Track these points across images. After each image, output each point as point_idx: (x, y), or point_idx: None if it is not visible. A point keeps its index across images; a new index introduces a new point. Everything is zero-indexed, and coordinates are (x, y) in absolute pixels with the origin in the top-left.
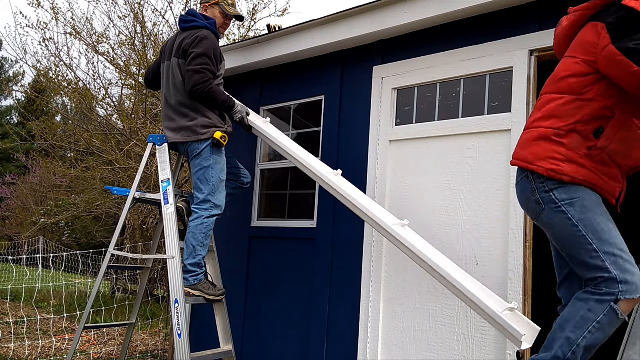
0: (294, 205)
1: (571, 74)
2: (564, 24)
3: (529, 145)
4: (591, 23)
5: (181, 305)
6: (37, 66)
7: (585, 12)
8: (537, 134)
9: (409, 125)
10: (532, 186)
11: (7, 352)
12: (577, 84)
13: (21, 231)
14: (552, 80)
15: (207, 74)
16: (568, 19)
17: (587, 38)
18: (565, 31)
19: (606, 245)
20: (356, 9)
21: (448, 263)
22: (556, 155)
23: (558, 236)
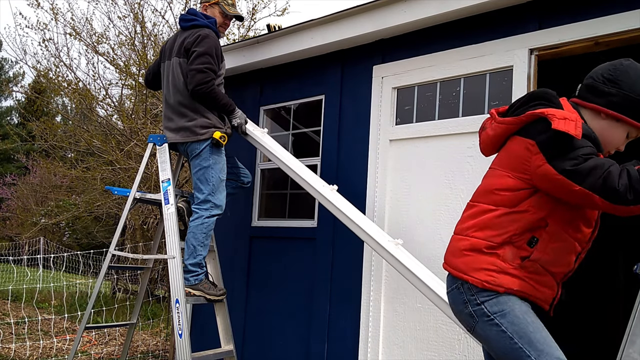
0: (295, 204)
1: (504, 188)
2: (489, 132)
3: (462, 254)
4: (519, 138)
5: (182, 305)
6: (37, 67)
7: (510, 126)
8: (470, 244)
9: (409, 124)
10: (464, 298)
11: (8, 353)
12: (511, 197)
13: (22, 232)
14: (484, 191)
15: (209, 74)
16: (493, 128)
17: (517, 154)
18: (491, 140)
19: (543, 355)
20: (356, 9)
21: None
22: (491, 267)
23: (495, 349)
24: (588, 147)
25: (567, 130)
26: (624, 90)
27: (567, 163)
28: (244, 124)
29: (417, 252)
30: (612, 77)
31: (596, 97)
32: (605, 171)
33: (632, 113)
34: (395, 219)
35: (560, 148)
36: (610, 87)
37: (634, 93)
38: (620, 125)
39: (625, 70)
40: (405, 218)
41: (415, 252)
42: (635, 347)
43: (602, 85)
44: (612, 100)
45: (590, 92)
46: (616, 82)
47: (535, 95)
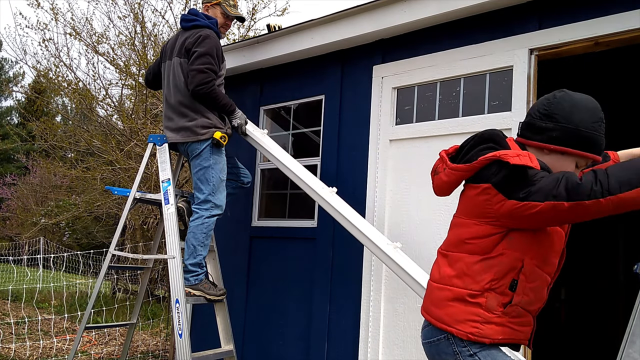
0: (295, 204)
1: (475, 236)
2: (443, 178)
3: (445, 305)
4: (475, 185)
5: (182, 305)
6: (37, 67)
7: (464, 173)
8: (452, 294)
9: (409, 124)
10: (454, 349)
11: (8, 353)
12: (484, 244)
13: (22, 232)
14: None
15: (210, 74)
16: (447, 174)
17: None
18: (446, 185)
19: None
20: (356, 8)
21: None
22: (475, 318)
23: None
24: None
25: (525, 163)
26: (560, 123)
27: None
28: (244, 125)
29: (416, 252)
30: (547, 112)
31: (536, 134)
32: (563, 177)
33: (574, 143)
34: (395, 219)
35: (517, 181)
36: (547, 122)
37: (571, 124)
38: (567, 157)
39: (559, 102)
40: (405, 218)
41: (415, 253)
42: (636, 347)
43: (539, 121)
44: (551, 135)
45: (530, 130)
46: (552, 116)
47: (484, 137)
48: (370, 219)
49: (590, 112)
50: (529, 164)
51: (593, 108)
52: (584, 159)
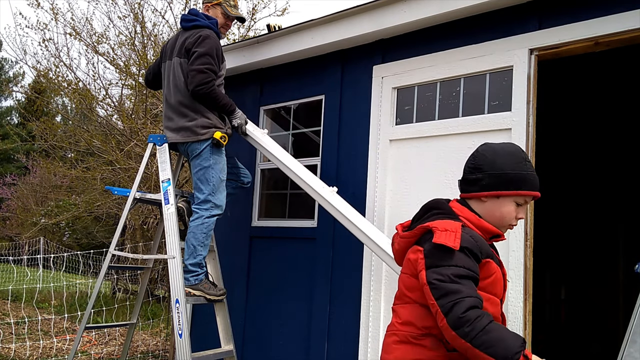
0: (295, 204)
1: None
2: (396, 247)
3: (393, 349)
4: (414, 247)
5: (182, 305)
6: (37, 67)
7: (410, 239)
8: (398, 337)
9: (409, 124)
10: None
11: (8, 353)
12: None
13: (22, 232)
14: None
15: (210, 75)
16: (398, 242)
17: (412, 258)
18: (398, 253)
19: None
20: (356, 8)
21: None
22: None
23: None
24: (461, 268)
25: (445, 242)
26: (487, 171)
27: (435, 276)
28: (244, 125)
29: None
30: (474, 165)
31: (471, 186)
32: (460, 299)
33: (504, 186)
34: (395, 219)
35: (437, 259)
36: (476, 174)
37: (496, 169)
38: (503, 200)
39: (482, 154)
40: (406, 218)
41: None
42: (636, 347)
43: (470, 175)
44: (482, 183)
45: (465, 184)
46: (478, 167)
47: (429, 206)
48: (370, 218)
49: (511, 155)
50: (450, 243)
51: (514, 151)
52: (521, 197)
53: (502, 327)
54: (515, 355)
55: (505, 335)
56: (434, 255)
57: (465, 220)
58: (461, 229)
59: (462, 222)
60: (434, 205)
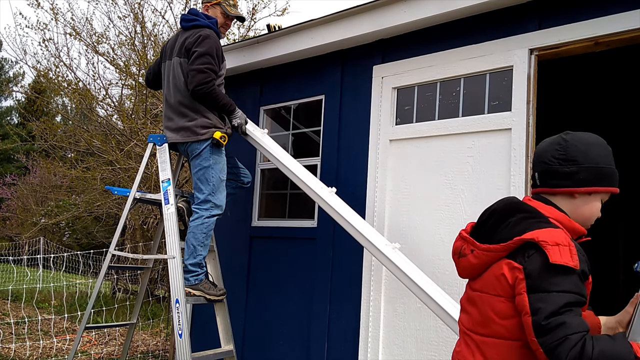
0: (295, 205)
1: (504, 315)
2: (471, 261)
3: None
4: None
5: (182, 305)
6: (37, 67)
7: (498, 254)
8: None
9: (409, 124)
10: None
11: (8, 353)
12: (513, 325)
13: (22, 232)
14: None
15: (210, 74)
16: (477, 256)
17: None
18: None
19: None
20: (356, 8)
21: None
22: None
23: None
24: (573, 295)
25: (565, 262)
26: (583, 164)
27: (544, 309)
28: (244, 124)
29: (416, 252)
30: (566, 156)
31: (562, 180)
32: (564, 337)
33: (598, 181)
34: (395, 219)
35: (548, 282)
36: (570, 166)
37: (592, 162)
38: (593, 197)
39: (573, 144)
40: (405, 218)
41: (415, 253)
42: None
43: (560, 167)
44: (578, 177)
45: (553, 177)
46: (572, 159)
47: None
48: (370, 219)
49: (603, 147)
50: (570, 263)
51: (603, 143)
52: (608, 194)
53: (605, 345)
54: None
55: (613, 352)
56: (544, 276)
57: (557, 223)
58: (572, 241)
59: (560, 228)
60: (515, 207)
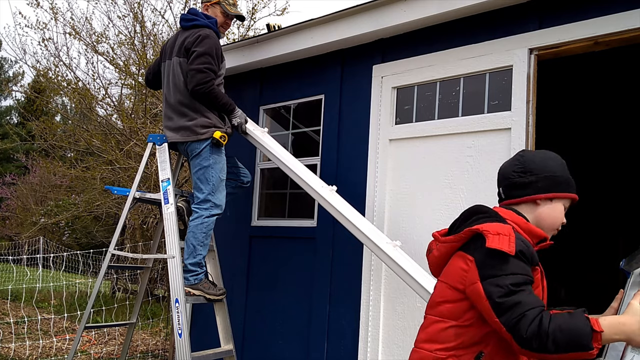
0: (294, 204)
1: (445, 300)
2: (434, 253)
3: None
4: (460, 253)
5: (182, 305)
6: (36, 66)
7: (453, 244)
8: (420, 357)
9: (409, 124)
10: None
11: (7, 352)
12: (453, 309)
13: (21, 231)
14: (432, 303)
15: (209, 74)
16: (438, 249)
17: (458, 266)
18: (437, 260)
19: None
20: (356, 8)
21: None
22: None
23: None
24: (519, 275)
25: (501, 247)
26: (540, 173)
27: (495, 291)
28: (244, 124)
29: (416, 251)
30: (524, 169)
31: (523, 189)
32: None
33: (558, 187)
34: (395, 219)
35: (492, 267)
36: (529, 177)
37: (549, 172)
38: (555, 203)
39: (530, 159)
40: (405, 218)
41: (415, 252)
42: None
43: (520, 179)
44: (537, 185)
45: (515, 189)
46: (530, 171)
47: (472, 211)
48: (370, 218)
49: (557, 159)
50: (505, 248)
51: (557, 156)
52: (569, 200)
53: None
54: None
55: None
56: (488, 263)
57: (513, 224)
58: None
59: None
60: (477, 210)
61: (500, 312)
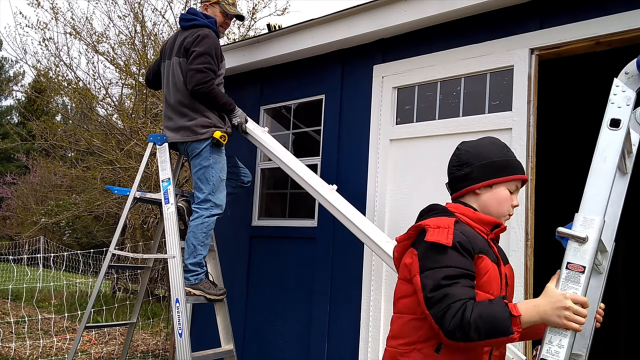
0: (295, 204)
1: (402, 295)
2: (395, 254)
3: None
4: (410, 249)
5: (182, 305)
6: (37, 66)
7: (405, 243)
8: (388, 354)
9: (410, 124)
10: None
11: (8, 352)
12: (409, 303)
13: (22, 231)
14: (393, 300)
15: (209, 74)
16: (396, 249)
17: (407, 261)
18: (397, 262)
19: None
20: (356, 8)
21: None
22: None
23: None
24: (452, 268)
25: (438, 240)
26: (475, 163)
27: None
28: (244, 123)
29: None
30: (460, 162)
31: (461, 183)
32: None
33: (496, 173)
34: (396, 219)
35: (430, 260)
36: (464, 169)
37: (484, 159)
38: (497, 188)
39: (465, 150)
40: (406, 218)
41: None
42: None
43: (457, 172)
44: (473, 175)
45: (455, 183)
46: (465, 162)
47: (424, 210)
48: (371, 218)
49: (492, 144)
50: (442, 240)
51: (493, 140)
52: (512, 183)
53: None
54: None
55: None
56: (427, 256)
57: (461, 216)
58: (454, 225)
59: (456, 218)
60: (430, 208)
61: (430, 305)
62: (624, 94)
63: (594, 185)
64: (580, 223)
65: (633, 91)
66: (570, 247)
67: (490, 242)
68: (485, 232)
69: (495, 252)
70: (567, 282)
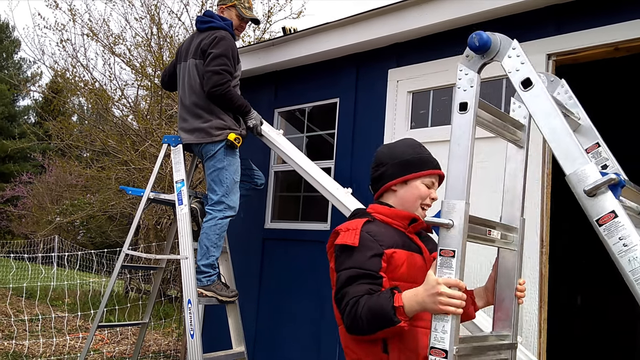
0: (308, 207)
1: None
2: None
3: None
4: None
5: (194, 306)
6: (54, 67)
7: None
8: None
9: (424, 128)
10: None
11: (21, 349)
12: None
13: (37, 230)
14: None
15: (225, 76)
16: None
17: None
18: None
19: None
20: (371, 12)
21: None
22: None
23: None
24: (352, 269)
25: (345, 241)
26: (388, 162)
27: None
28: (259, 125)
29: None
30: (375, 163)
31: (379, 183)
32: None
33: (408, 170)
34: None
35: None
36: (380, 168)
37: (396, 158)
38: (410, 184)
39: (380, 152)
40: None
41: None
42: None
43: (375, 173)
44: (387, 173)
45: (375, 183)
46: (379, 162)
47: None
48: None
49: (406, 143)
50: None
51: (408, 140)
52: (427, 178)
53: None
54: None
55: (376, 305)
56: (337, 259)
57: (378, 215)
58: (362, 226)
59: (370, 218)
60: (352, 213)
61: (337, 304)
62: (467, 77)
63: (453, 170)
64: (445, 209)
65: (474, 72)
66: (440, 233)
67: (411, 235)
68: (403, 226)
69: (417, 243)
70: (442, 268)
